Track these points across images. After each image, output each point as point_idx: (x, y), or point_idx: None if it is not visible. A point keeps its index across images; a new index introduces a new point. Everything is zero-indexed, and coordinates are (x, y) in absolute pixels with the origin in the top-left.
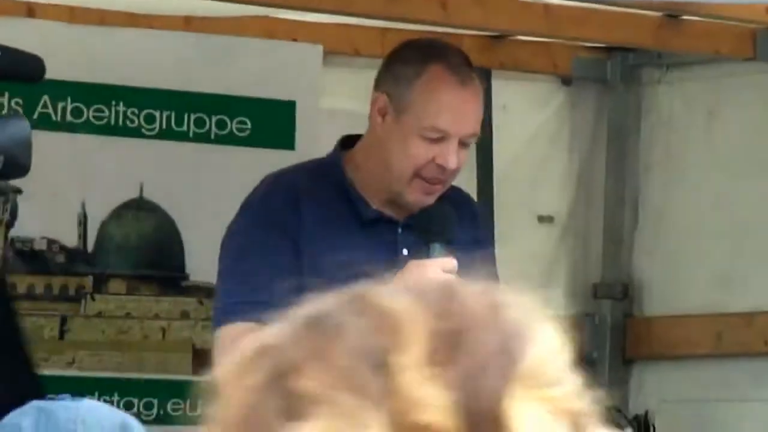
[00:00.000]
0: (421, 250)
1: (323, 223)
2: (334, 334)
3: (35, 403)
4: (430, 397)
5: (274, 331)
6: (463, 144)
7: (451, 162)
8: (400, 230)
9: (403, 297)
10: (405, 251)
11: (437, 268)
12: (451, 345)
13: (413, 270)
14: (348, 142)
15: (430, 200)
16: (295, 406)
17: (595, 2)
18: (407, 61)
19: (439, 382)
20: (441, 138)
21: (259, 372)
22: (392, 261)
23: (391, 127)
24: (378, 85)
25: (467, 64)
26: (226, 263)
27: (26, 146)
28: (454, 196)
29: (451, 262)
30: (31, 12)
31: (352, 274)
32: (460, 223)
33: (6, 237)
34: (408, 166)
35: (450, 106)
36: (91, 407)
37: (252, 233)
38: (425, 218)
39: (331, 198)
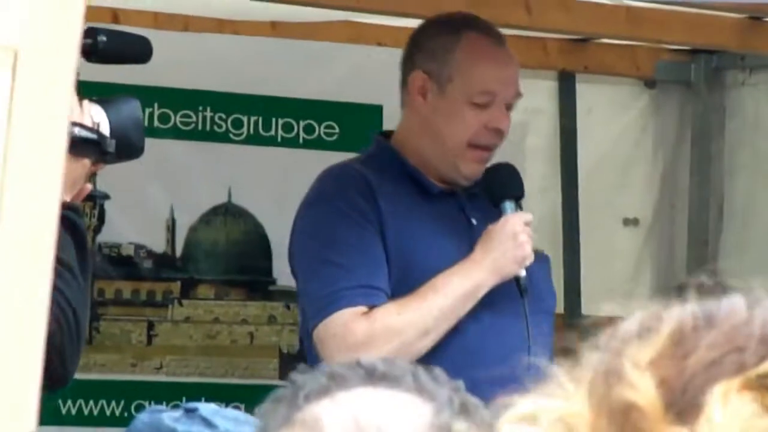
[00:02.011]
0: (486, 213)
1: (399, 205)
2: None
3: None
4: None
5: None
6: (508, 107)
7: (504, 123)
8: (464, 202)
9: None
10: (474, 221)
11: (520, 221)
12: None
13: (499, 228)
14: (383, 137)
15: (482, 168)
16: None
17: (678, 4)
18: (437, 35)
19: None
20: (489, 102)
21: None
22: (465, 231)
23: (437, 103)
24: (410, 65)
25: (495, 28)
26: (315, 255)
27: (139, 127)
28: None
29: (527, 215)
30: (115, 18)
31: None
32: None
33: (94, 242)
34: (462, 137)
35: (494, 68)
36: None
37: (336, 223)
38: (491, 179)
39: (396, 181)
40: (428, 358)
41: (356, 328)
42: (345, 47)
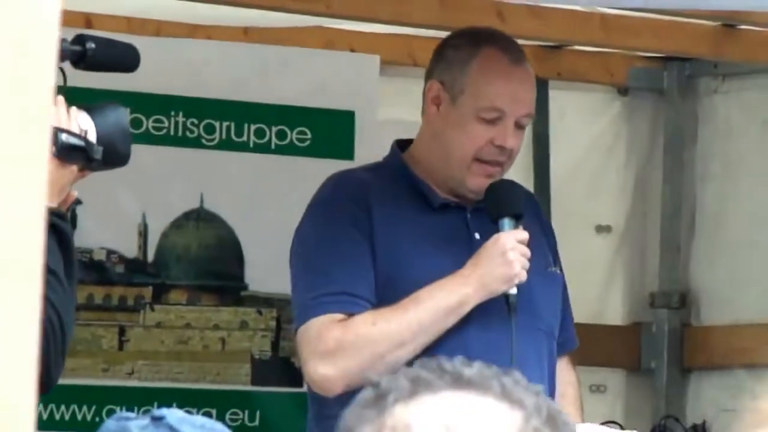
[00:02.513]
0: (491, 228)
1: (394, 215)
2: None
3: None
4: None
5: None
6: (518, 125)
7: (510, 142)
8: (469, 216)
9: None
10: (477, 236)
11: (512, 239)
12: None
13: (491, 244)
14: (402, 145)
15: (488, 183)
16: None
17: (652, 12)
18: (459, 47)
19: None
20: (498, 118)
21: None
22: (466, 246)
23: (448, 114)
24: (430, 74)
25: (518, 47)
26: (302, 260)
27: (126, 135)
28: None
29: (523, 233)
30: (89, 23)
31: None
32: (527, 213)
33: None
34: (468, 150)
35: (506, 85)
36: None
37: (325, 229)
38: (491, 195)
39: (399, 190)
40: None
41: (328, 336)
42: (317, 53)
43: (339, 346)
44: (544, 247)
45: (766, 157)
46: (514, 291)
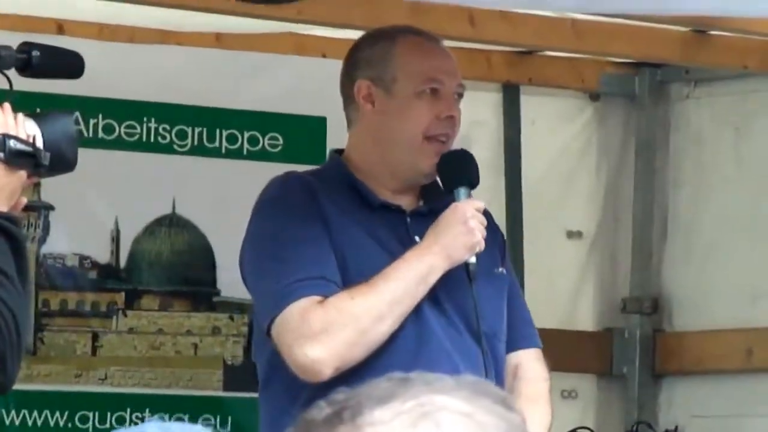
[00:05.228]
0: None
1: (340, 212)
2: None
3: (154, 423)
4: None
5: None
6: (456, 96)
7: (454, 111)
8: (408, 219)
9: None
10: (417, 239)
11: (471, 208)
12: None
13: (450, 213)
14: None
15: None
16: None
17: (623, 17)
18: (374, 44)
19: None
20: (436, 91)
21: None
22: (406, 246)
23: (385, 105)
24: (351, 79)
25: (429, 32)
26: (265, 253)
27: (73, 141)
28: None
29: (479, 203)
30: (60, 29)
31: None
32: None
33: (39, 253)
34: (417, 130)
35: (434, 60)
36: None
37: (285, 221)
38: (445, 166)
39: (341, 191)
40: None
41: (312, 317)
42: (289, 59)
43: (324, 327)
44: (492, 246)
45: (737, 162)
46: (473, 260)
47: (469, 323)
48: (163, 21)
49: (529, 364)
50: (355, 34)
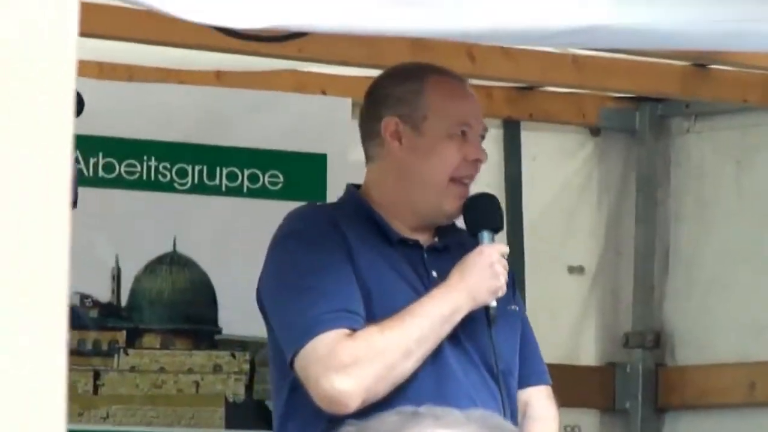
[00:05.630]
0: (447, 267)
1: (362, 245)
2: None
3: None
4: None
5: None
6: (480, 138)
7: (481, 153)
8: (425, 255)
9: None
10: (434, 273)
11: (496, 252)
12: None
13: (476, 256)
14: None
15: (461, 206)
16: None
17: (623, 52)
18: (401, 83)
19: None
20: (464, 133)
21: None
22: (424, 281)
23: (414, 144)
24: (376, 116)
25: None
26: (291, 285)
27: (73, 180)
28: None
29: (504, 247)
30: None
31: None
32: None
33: None
34: (444, 172)
35: (464, 102)
36: None
37: (310, 253)
38: (470, 209)
39: (361, 224)
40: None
41: (341, 350)
42: (289, 96)
43: (354, 360)
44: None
45: (738, 196)
46: (494, 303)
47: (486, 362)
48: (162, 59)
49: (539, 402)
50: (357, 72)
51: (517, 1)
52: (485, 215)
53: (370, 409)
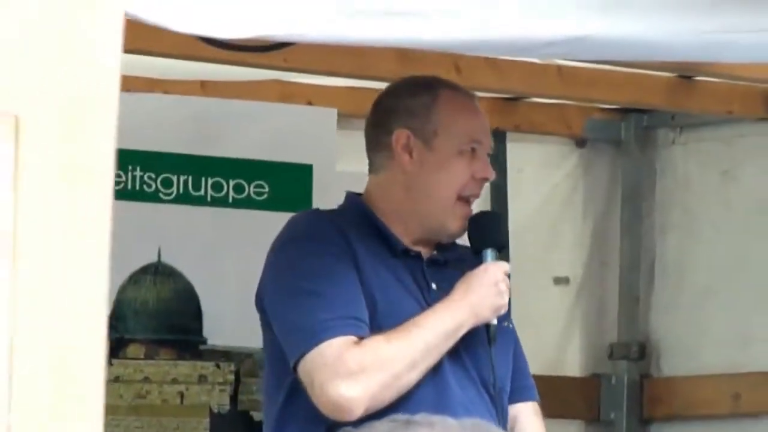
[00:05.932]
0: (446, 279)
1: (367, 253)
2: None
3: None
4: None
5: None
6: (487, 156)
7: (489, 171)
8: (425, 266)
9: None
10: (434, 285)
11: (500, 270)
12: None
13: (481, 273)
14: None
15: (465, 226)
16: None
17: (609, 63)
18: (414, 95)
19: None
20: (474, 151)
21: None
22: (424, 292)
23: (424, 157)
24: (387, 127)
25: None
26: (295, 289)
27: None
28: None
29: (507, 266)
30: None
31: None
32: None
33: None
34: (453, 189)
35: (475, 119)
36: None
37: (316, 258)
38: (475, 227)
39: (364, 231)
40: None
41: (349, 357)
42: (275, 106)
43: (362, 367)
44: None
45: (724, 207)
46: (495, 321)
47: (483, 379)
48: (148, 69)
49: (527, 419)
50: (342, 82)
51: (503, 12)
52: (490, 233)
53: (365, 418)
